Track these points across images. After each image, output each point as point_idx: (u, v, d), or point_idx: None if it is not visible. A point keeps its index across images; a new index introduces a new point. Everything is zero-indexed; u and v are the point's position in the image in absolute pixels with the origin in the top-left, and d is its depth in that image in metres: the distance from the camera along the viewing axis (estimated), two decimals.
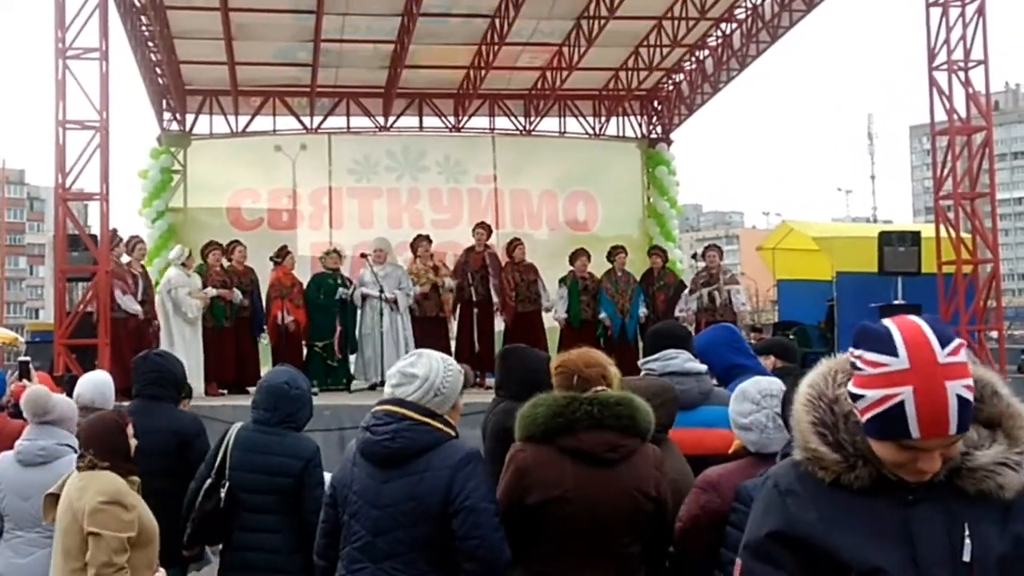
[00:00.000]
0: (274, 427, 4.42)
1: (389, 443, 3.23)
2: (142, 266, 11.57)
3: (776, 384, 3.44)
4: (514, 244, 12.75)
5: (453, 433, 3.30)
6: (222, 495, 4.36)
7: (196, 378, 9.79)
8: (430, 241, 12.54)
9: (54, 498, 4.05)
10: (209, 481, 4.42)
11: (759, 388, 3.41)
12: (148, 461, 4.54)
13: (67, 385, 6.78)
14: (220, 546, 4.54)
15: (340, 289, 11.78)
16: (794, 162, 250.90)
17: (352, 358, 12.02)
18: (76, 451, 4.43)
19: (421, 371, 3.30)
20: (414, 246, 12.45)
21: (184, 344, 10.58)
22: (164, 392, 5.11)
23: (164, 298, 10.98)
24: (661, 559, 3.37)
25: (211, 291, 11.18)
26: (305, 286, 12.00)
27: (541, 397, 3.31)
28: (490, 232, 12.90)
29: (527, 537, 3.24)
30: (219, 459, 4.43)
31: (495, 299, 12.36)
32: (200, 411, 8.09)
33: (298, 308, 11.72)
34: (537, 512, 3.21)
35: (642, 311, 12.22)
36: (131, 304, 10.65)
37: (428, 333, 11.78)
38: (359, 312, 11.93)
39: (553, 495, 3.18)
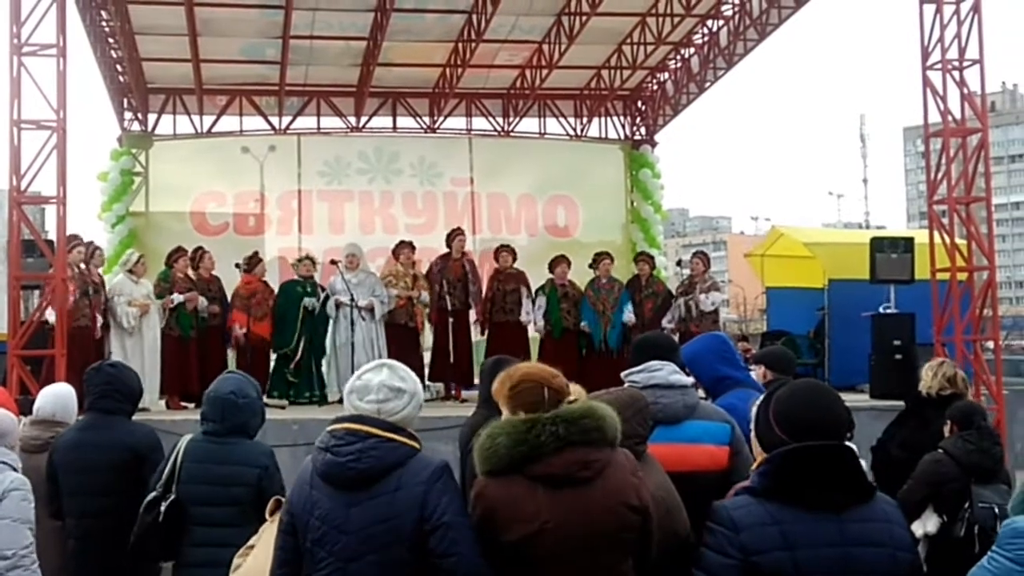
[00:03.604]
0: (224, 437, 4.38)
1: (355, 464, 3.11)
2: (100, 274, 11.22)
3: None
4: (499, 251, 12.50)
5: (418, 446, 3.21)
6: (162, 509, 4.28)
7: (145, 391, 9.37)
8: (413, 248, 12.28)
9: (279, 502, 3.88)
10: (153, 494, 4.33)
11: None
12: (102, 478, 4.74)
13: (22, 406, 6.40)
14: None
15: (307, 299, 11.43)
16: (784, 165, 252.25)
17: (325, 370, 11.72)
18: (15, 468, 4.37)
19: (408, 386, 3.24)
20: (396, 252, 12.23)
21: (125, 355, 10.18)
22: (117, 405, 4.98)
23: (109, 307, 10.69)
24: (649, 571, 3.18)
25: (177, 297, 10.96)
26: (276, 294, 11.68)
27: (498, 425, 3.11)
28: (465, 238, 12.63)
29: (511, 573, 3.05)
30: (167, 472, 4.36)
31: (474, 308, 12.13)
32: (162, 425, 7.76)
33: (259, 318, 11.30)
34: (517, 550, 3.02)
35: (628, 317, 11.84)
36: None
37: (401, 343, 11.54)
38: (331, 322, 11.64)
39: (532, 530, 2.99)
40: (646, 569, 3.16)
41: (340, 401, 11.13)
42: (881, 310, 11.46)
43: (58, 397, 5.31)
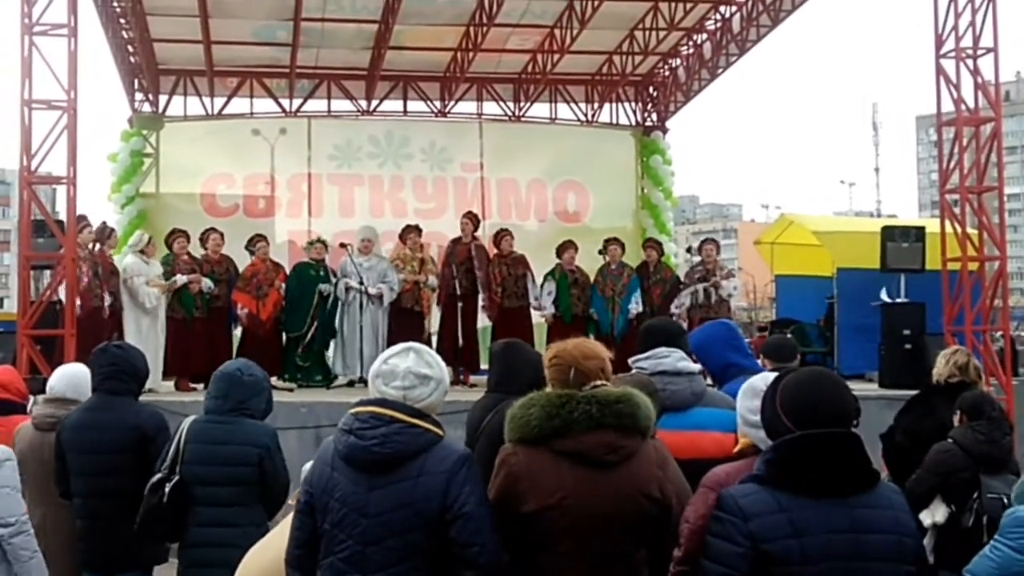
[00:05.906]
0: (226, 415, 4.38)
1: (379, 448, 3.10)
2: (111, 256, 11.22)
3: None
4: (501, 235, 12.37)
5: (442, 432, 3.20)
6: (166, 490, 4.28)
7: (155, 371, 9.51)
8: (420, 232, 12.24)
9: None
10: (158, 476, 4.34)
11: (768, 383, 3.20)
12: (109, 458, 4.74)
13: (32, 386, 6.47)
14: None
15: (322, 285, 11.41)
16: (795, 153, 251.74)
17: (330, 353, 11.71)
18: None
19: (435, 372, 3.22)
20: (403, 236, 12.17)
21: (141, 335, 10.20)
22: (124, 386, 4.95)
23: (122, 288, 10.62)
24: (667, 564, 3.13)
25: (180, 278, 10.89)
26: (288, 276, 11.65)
27: (534, 396, 3.16)
28: (478, 222, 12.50)
29: (524, 547, 3.09)
30: (172, 453, 4.36)
31: (480, 293, 12.00)
32: (170, 406, 7.76)
33: (262, 298, 11.26)
34: (534, 521, 3.07)
35: (634, 306, 11.79)
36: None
37: (405, 326, 11.49)
38: (340, 305, 11.63)
39: (550, 502, 3.04)
40: (663, 562, 3.15)
41: (348, 384, 11.21)
42: (882, 296, 11.44)
43: (71, 376, 5.32)
